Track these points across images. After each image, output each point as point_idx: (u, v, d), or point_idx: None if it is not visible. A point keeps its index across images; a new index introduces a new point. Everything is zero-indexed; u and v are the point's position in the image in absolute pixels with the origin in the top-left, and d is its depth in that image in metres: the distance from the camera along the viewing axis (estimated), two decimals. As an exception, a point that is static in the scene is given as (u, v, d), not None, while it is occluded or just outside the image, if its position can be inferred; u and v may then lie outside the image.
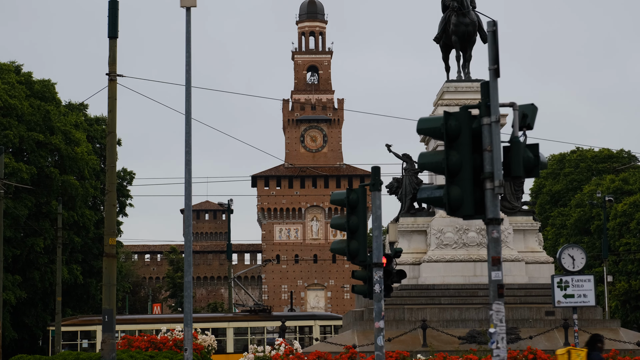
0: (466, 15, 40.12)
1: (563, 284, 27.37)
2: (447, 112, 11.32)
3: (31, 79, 67.86)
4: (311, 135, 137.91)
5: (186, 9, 25.94)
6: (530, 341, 35.07)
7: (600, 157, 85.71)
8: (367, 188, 20.30)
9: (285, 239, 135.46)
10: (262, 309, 54.18)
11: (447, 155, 11.19)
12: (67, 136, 66.21)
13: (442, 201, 11.29)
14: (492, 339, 10.88)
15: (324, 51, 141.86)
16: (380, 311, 19.64)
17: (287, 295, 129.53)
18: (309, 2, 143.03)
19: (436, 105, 41.55)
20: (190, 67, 25.87)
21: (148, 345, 37.45)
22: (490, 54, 11.38)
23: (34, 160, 63.55)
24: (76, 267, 67.35)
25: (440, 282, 38.55)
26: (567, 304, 27.55)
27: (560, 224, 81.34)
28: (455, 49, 41.00)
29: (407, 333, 35.53)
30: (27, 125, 63.19)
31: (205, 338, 39.49)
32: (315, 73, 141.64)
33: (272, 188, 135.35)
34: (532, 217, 40.55)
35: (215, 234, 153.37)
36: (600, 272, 67.33)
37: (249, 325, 48.50)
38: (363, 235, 20.50)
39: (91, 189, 68.55)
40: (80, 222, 67.09)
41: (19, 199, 61.10)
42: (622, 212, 71.51)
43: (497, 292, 10.88)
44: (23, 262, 63.92)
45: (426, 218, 40.24)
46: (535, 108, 11.46)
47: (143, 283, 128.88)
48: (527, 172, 11.33)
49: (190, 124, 25.79)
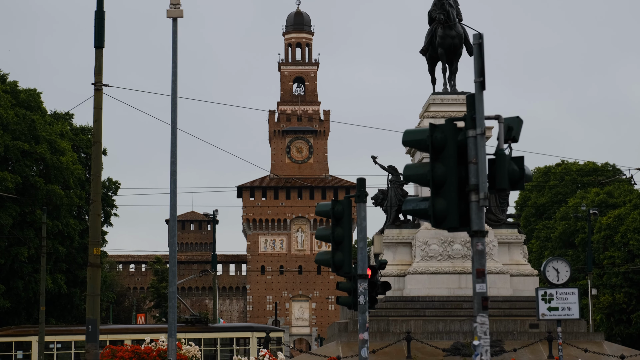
0: (452, 28, 40.23)
1: (547, 297, 27.40)
2: (432, 125, 11.32)
3: (17, 88, 67.68)
4: (297, 147, 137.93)
5: (172, 19, 25.92)
6: (514, 354, 35.13)
7: (585, 170, 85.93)
8: (353, 200, 20.29)
9: (270, 249, 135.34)
10: (199, 320, 54.09)
11: (432, 168, 11.19)
12: (53, 145, 66.04)
13: (427, 213, 11.28)
14: (476, 352, 10.87)
15: (310, 62, 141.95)
16: (364, 323, 19.62)
17: (272, 306, 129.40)
18: (295, 13, 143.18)
19: (422, 117, 41.62)
20: (177, 77, 25.83)
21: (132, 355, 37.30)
22: (476, 66, 11.38)
23: (19, 170, 63.35)
24: (60, 276, 67.12)
25: (425, 294, 38.59)
26: (551, 317, 27.57)
27: (545, 236, 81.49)
28: (442, 61, 41.09)
29: (392, 345, 35.53)
30: (12, 134, 63.01)
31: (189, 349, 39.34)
32: (301, 84, 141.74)
33: (258, 199, 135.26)
34: (517, 229, 40.62)
35: (200, 245, 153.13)
36: (584, 285, 67.41)
37: (185, 336, 48.26)
38: (348, 246, 20.48)
39: (76, 199, 68.33)
40: (64, 232, 66.88)
41: (3, 208, 60.90)
42: (607, 226, 71.66)
43: (481, 304, 10.88)
44: (7, 271, 63.68)
45: (411, 230, 40.28)
46: (520, 121, 11.47)
47: (127, 293, 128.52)
48: (512, 184, 11.33)
49: (176, 134, 25.75)
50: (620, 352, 36.75)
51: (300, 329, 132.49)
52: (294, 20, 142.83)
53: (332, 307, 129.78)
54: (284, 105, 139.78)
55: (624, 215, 71.18)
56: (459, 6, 41.10)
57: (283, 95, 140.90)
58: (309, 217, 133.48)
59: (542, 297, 27.43)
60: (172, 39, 25.94)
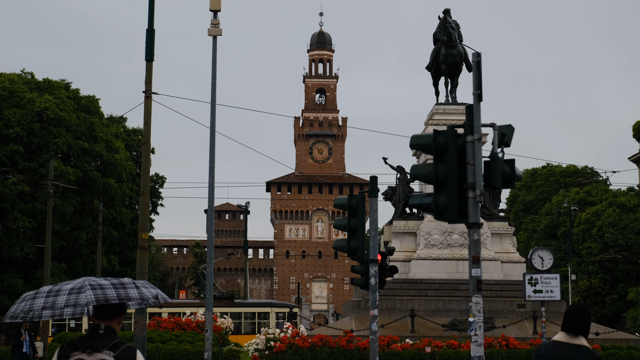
0: (454, 48, 40.11)
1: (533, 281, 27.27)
2: (436, 131, 11.29)
3: (78, 94, 67.93)
4: (318, 148, 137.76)
5: (213, 37, 25.90)
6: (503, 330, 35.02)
7: (567, 172, 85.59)
8: (366, 195, 20.26)
9: (294, 237, 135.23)
10: (226, 297, 54.23)
11: (435, 168, 11.15)
12: (108, 145, 66.28)
13: (431, 207, 11.24)
14: (471, 327, 10.83)
15: (331, 76, 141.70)
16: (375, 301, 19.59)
17: (295, 286, 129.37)
18: (318, 33, 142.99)
19: (427, 124, 41.51)
20: (215, 87, 25.81)
21: (174, 326, 37.41)
22: (475, 81, 11.34)
23: (80, 165, 63.59)
24: (114, 257, 67.38)
25: (427, 277, 38.50)
26: (536, 298, 27.44)
27: (532, 229, 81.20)
28: (444, 76, 40.98)
29: (398, 320, 35.48)
30: (74, 135, 63.27)
31: (223, 321, 39.41)
32: (323, 95, 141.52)
33: (284, 193, 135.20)
34: (508, 222, 40.48)
35: (233, 232, 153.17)
36: (565, 272, 67.13)
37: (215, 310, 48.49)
38: (361, 235, 20.45)
39: (128, 191, 68.55)
40: (118, 219, 67.10)
41: (65, 198, 61.19)
42: (585, 220, 71.35)
43: (476, 286, 10.84)
44: (68, 252, 63.97)
45: (416, 221, 40.18)
46: (512, 128, 11.42)
47: (171, 272, 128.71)
48: (504, 183, 11.28)
49: (214, 136, 25.75)
50: (595, 329, 36.60)
51: (319, 306, 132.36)
52: (317, 39, 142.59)
53: (347, 287, 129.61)
54: (307, 112, 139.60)
55: (600, 211, 70.85)
56: (460, 29, 40.99)
57: (307, 104, 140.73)
58: (328, 209, 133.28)
59: (529, 281, 27.31)
60: (212, 54, 25.89)
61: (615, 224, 68.78)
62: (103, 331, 6.79)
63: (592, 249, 70.23)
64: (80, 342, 6.76)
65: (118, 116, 75.53)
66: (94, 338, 6.76)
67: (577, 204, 72.60)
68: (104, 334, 6.78)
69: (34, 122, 60.88)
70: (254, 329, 51.84)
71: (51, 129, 61.26)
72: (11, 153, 60.39)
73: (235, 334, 45.05)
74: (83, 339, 6.79)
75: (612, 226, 68.79)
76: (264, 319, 52.63)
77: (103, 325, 6.83)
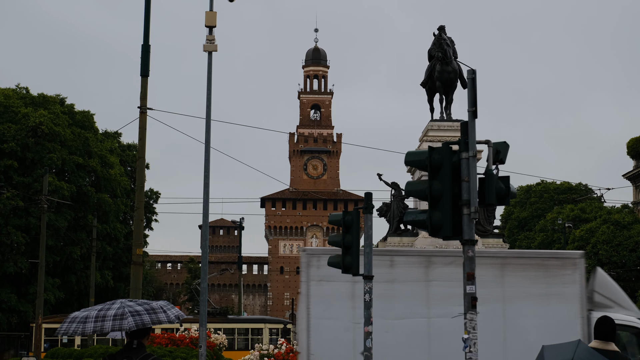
0: (449, 64, 40.13)
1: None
2: (431, 147, 11.29)
3: (73, 109, 67.93)
4: (313, 164, 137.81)
5: (208, 53, 25.88)
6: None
7: (562, 189, 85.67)
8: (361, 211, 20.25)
9: (288, 253, 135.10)
10: (219, 312, 54.09)
11: (430, 184, 11.15)
12: (103, 160, 66.23)
13: (425, 224, 11.23)
14: (466, 344, 10.81)
15: (326, 92, 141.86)
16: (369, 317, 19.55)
17: (289, 301, 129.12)
18: (314, 49, 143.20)
19: (421, 140, 41.51)
20: (211, 103, 25.78)
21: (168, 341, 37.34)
22: (469, 97, 11.36)
23: (74, 180, 63.54)
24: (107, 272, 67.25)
25: (422, 293, 38.38)
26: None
27: (526, 246, 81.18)
28: (439, 93, 40.97)
29: (392, 337, 35.36)
30: (69, 150, 63.23)
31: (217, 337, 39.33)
32: (317, 111, 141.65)
33: (278, 209, 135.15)
34: (502, 239, 40.43)
35: (228, 247, 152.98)
36: (559, 288, 67.06)
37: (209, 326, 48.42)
38: (356, 251, 20.42)
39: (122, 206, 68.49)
40: (112, 234, 67.02)
41: (60, 213, 61.10)
42: (580, 237, 71.38)
43: (470, 303, 10.83)
44: (62, 267, 63.85)
45: (411, 238, 40.13)
46: (507, 145, 11.42)
47: (165, 288, 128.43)
48: (499, 200, 11.28)
49: (209, 152, 25.71)
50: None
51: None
52: (312, 55, 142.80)
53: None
54: (302, 128, 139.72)
55: (594, 228, 70.90)
56: (455, 46, 41.07)
57: (302, 120, 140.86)
58: (322, 225, 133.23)
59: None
60: (207, 69, 25.81)
61: (609, 241, 68.83)
62: (136, 346, 8.57)
63: (587, 266, 70.18)
64: (119, 355, 8.57)
65: (113, 131, 75.48)
66: (129, 351, 8.56)
67: (572, 220, 72.64)
68: (137, 348, 8.56)
69: (29, 137, 60.86)
70: (247, 344, 51.67)
71: (46, 144, 61.23)
72: (5, 168, 60.34)
73: (229, 350, 44.92)
74: (120, 352, 8.58)
75: (606, 243, 68.83)
76: (258, 334, 52.49)
77: (135, 341, 8.58)
